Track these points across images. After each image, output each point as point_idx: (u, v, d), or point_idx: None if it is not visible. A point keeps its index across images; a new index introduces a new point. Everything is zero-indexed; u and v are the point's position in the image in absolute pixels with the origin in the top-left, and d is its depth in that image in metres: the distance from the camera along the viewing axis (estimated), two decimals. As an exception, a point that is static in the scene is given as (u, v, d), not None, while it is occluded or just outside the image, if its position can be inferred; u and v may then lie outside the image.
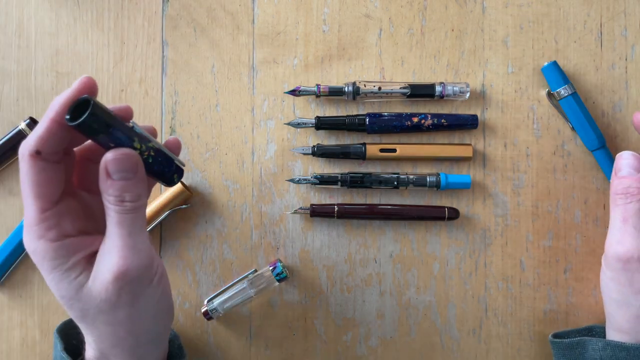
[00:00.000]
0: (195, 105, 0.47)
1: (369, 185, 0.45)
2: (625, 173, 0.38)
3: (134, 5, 0.47)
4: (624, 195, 0.37)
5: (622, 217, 0.37)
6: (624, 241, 0.36)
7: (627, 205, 0.37)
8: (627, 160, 0.38)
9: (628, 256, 0.36)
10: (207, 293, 0.47)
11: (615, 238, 0.37)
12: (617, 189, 0.38)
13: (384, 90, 0.45)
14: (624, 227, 0.37)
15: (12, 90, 0.47)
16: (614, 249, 0.36)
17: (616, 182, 0.38)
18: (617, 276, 0.36)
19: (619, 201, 0.37)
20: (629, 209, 0.37)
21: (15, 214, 0.47)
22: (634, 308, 0.35)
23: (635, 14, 0.46)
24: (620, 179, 0.38)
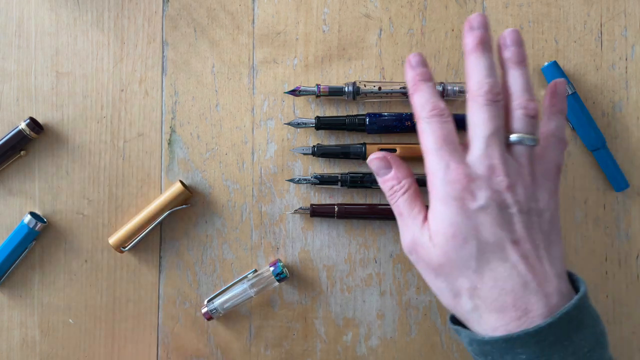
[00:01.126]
0: (195, 105, 0.47)
1: (369, 185, 0.45)
2: (385, 175, 0.37)
3: (134, 5, 0.47)
4: (392, 196, 0.37)
5: (397, 214, 0.36)
6: (403, 234, 0.36)
7: (397, 202, 0.36)
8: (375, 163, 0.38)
9: (409, 248, 0.35)
10: (207, 293, 0.47)
11: (401, 234, 0.36)
12: (385, 192, 0.37)
13: (384, 90, 0.45)
14: (402, 220, 0.36)
15: (12, 90, 0.47)
16: (403, 247, 0.36)
17: (383, 186, 0.37)
18: (419, 270, 0.36)
19: (390, 201, 0.37)
20: (399, 204, 0.36)
21: (15, 214, 0.47)
22: (445, 292, 0.34)
23: (635, 14, 0.46)
24: (384, 182, 0.37)
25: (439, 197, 0.33)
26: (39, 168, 0.47)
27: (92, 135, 0.47)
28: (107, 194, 0.47)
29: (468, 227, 0.32)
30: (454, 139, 0.34)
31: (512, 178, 0.33)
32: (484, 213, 0.32)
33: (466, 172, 0.33)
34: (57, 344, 0.47)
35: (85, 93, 0.47)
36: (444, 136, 0.34)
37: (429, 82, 0.36)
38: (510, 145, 0.34)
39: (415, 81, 0.36)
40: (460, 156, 0.34)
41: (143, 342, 0.47)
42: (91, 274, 0.47)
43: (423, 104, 0.35)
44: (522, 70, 0.35)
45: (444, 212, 0.33)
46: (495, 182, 0.33)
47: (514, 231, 0.32)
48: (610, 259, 0.45)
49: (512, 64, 0.35)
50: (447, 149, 0.34)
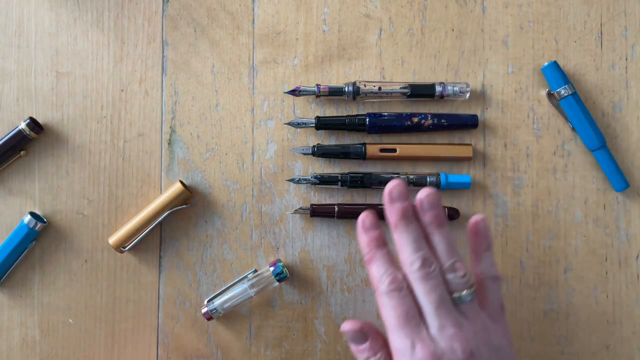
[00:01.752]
0: (195, 105, 0.47)
1: (369, 185, 0.45)
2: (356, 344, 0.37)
3: (134, 5, 0.47)
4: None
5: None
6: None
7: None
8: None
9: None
10: (207, 293, 0.47)
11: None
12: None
13: (384, 90, 0.45)
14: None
15: (12, 90, 0.47)
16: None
17: (356, 355, 0.37)
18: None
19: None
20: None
21: (15, 214, 0.47)
22: None
23: (635, 14, 0.46)
24: (357, 352, 0.37)
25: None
26: (39, 168, 0.47)
27: (92, 135, 0.47)
28: (107, 194, 0.47)
29: None
30: (415, 314, 0.34)
31: (471, 341, 0.33)
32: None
33: (431, 350, 0.33)
34: (57, 344, 0.47)
35: (85, 93, 0.47)
36: (406, 312, 0.34)
37: (383, 249, 0.35)
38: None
39: (370, 247, 0.36)
40: (422, 332, 0.33)
41: (143, 342, 0.47)
42: (91, 274, 0.47)
43: (381, 276, 0.35)
44: (442, 233, 0.35)
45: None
46: (458, 351, 0.32)
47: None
48: (610, 259, 0.45)
49: (432, 227, 0.35)
50: (409, 326, 0.33)
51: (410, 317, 0.33)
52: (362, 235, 0.36)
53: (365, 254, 0.36)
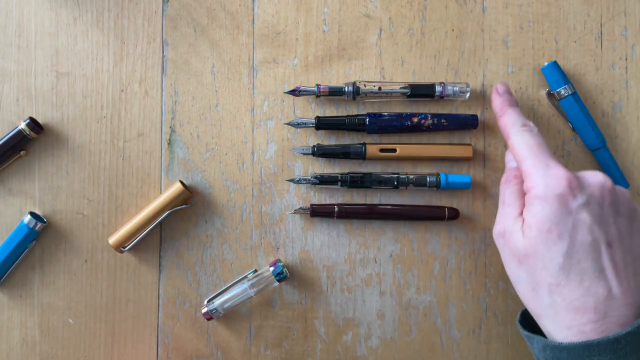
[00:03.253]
0: (195, 105, 0.47)
1: (369, 185, 0.45)
2: (509, 165, 0.41)
3: (134, 5, 0.47)
4: (505, 183, 0.39)
5: (501, 200, 0.39)
6: (497, 220, 0.38)
7: (506, 190, 0.39)
8: (509, 155, 0.42)
9: (499, 232, 0.37)
10: (207, 293, 0.47)
11: (496, 220, 0.39)
12: (502, 178, 0.40)
13: (384, 90, 0.45)
14: (501, 208, 0.39)
15: (12, 90, 0.47)
16: (493, 230, 0.38)
17: (504, 175, 0.41)
18: (502, 255, 0.38)
19: (501, 188, 0.40)
20: (506, 192, 0.39)
21: (15, 214, 0.47)
22: (524, 283, 0.35)
23: (635, 14, 0.46)
24: (507, 171, 0.41)
25: (539, 194, 0.34)
26: (39, 168, 0.47)
27: (92, 135, 0.47)
28: (107, 194, 0.47)
29: (566, 224, 0.33)
30: (548, 148, 0.36)
31: (611, 183, 0.35)
32: (584, 211, 0.33)
33: (567, 170, 0.34)
34: (57, 344, 0.47)
35: (85, 93, 0.47)
36: (538, 144, 0.37)
37: (516, 107, 0.40)
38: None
39: (503, 105, 0.41)
40: (557, 160, 0.35)
41: (143, 342, 0.47)
42: (91, 274, 0.47)
43: (514, 122, 0.39)
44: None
45: (543, 207, 0.34)
46: (597, 180, 0.34)
47: (609, 232, 0.33)
48: (610, 259, 0.45)
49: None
50: (542, 151, 0.36)
51: (543, 147, 0.37)
52: (496, 98, 0.41)
53: (498, 111, 0.41)
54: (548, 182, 0.34)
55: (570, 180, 0.34)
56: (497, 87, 0.42)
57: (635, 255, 0.34)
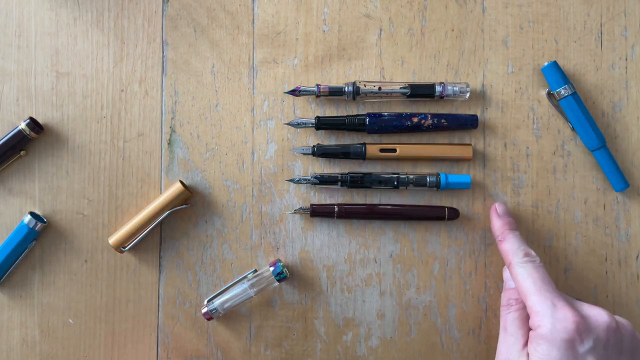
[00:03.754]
0: (195, 105, 0.47)
1: (369, 185, 0.45)
2: (507, 286, 0.41)
3: (134, 5, 0.47)
4: (506, 307, 0.40)
5: (502, 326, 0.39)
6: (500, 349, 0.38)
7: (507, 315, 0.39)
8: (506, 273, 0.42)
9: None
10: (207, 293, 0.47)
11: (498, 348, 0.39)
12: (502, 301, 0.41)
13: (384, 90, 0.45)
14: (503, 335, 0.38)
15: (12, 90, 0.47)
16: (496, 358, 0.38)
17: (502, 295, 0.41)
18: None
19: (502, 312, 0.40)
20: (508, 318, 0.39)
21: (15, 214, 0.47)
22: None
23: (635, 14, 0.46)
24: (505, 291, 0.41)
25: (546, 336, 0.34)
26: (39, 168, 0.47)
27: (92, 135, 0.47)
28: (107, 194, 0.47)
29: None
30: (552, 282, 0.36)
31: (616, 322, 0.35)
32: (591, 355, 0.33)
33: (574, 311, 0.34)
34: (57, 344, 0.47)
35: (85, 93, 0.47)
36: (542, 278, 0.37)
37: (516, 232, 0.41)
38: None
39: (503, 230, 0.41)
40: (563, 297, 0.35)
41: (143, 342, 0.47)
42: (91, 274, 0.47)
43: (515, 250, 0.39)
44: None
45: (550, 351, 0.33)
46: (603, 322, 0.34)
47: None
48: (610, 259, 0.45)
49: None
50: (548, 288, 0.36)
51: (547, 282, 0.36)
52: (496, 220, 0.42)
53: (498, 235, 0.41)
54: (556, 324, 0.34)
55: (578, 324, 0.34)
56: (496, 208, 0.43)
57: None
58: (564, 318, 0.34)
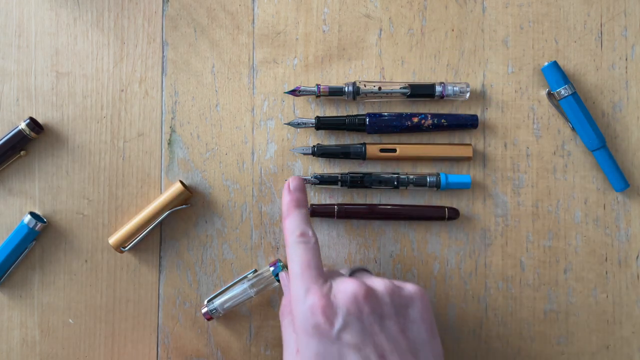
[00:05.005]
0: (195, 105, 0.47)
1: (369, 185, 0.45)
2: (285, 291, 0.40)
3: (134, 5, 0.47)
4: (282, 314, 0.37)
5: (282, 335, 0.36)
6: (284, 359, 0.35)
7: (283, 322, 0.36)
8: (283, 276, 0.42)
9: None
10: (207, 293, 0.47)
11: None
12: (281, 306, 0.38)
13: (384, 90, 0.45)
14: (284, 346, 0.35)
15: (12, 90, 0.47)
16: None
17: (282, 302, 0.38)
18: None
19: (280, 321, 0.37)
20: (283, 325, 0.36)
21: (15, 214, 0.47)
22: None
23: (635, 14, 0.46)
24: (284, 297, 0.39)
25: (299, 329, 0.32)
26: (39, 168, 0.47)
27: (92, 135, 0.47)
28: (107, 194, 0.47)
29: (333, 356, 0.31)
30: (319, 265, 0.34)
31: (365, 288, 0.33)
32: (345, 333, 0.31)
33: (320, 294, 0.32)
34: (57, 344, 0.47)
35: (85, 93, 0.47)
36: (309, 260, 0.34)
37: (302, 209, 0.37)
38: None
39: (290, 206, 0.38)
40: (319, 281, 0.33)
41: (143, 342, 0.47)
42: (91, 274, 0.47)
43: (293, 229, 0.36)
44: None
45: (308, 343, 0.31)
46: (347, 295, 0.32)
47: (378, 344, 0.31)
48: (610, 259, 0.45)
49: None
50: (311, 273, 0.33)
51: (312, 267, 0.34)
52: (286, 195, 0.38)
53: (285, 210, 0.38)
54: (305, 314, 0.32)
55: (323, 307, 0.31)
56: (289, 183, 0.39)
57: (416, 345, 0.33)
58: (312, 304, 0.32)
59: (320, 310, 0.31)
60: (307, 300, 0.32)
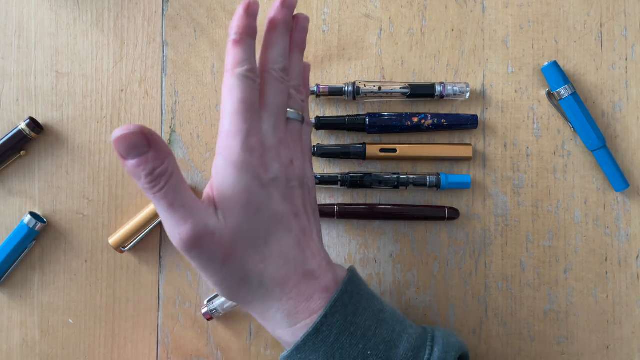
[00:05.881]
0: (195, 105, 0.47)
1: (369, 185, 0.45)
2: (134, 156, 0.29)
3: (134, 5, 0.47)
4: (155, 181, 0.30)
5: (165, 205, 0.31)
6: (175, 227, 0.31)
7: (162, 190, 0.30)
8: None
9: (190, 239, 0.31)
10: (207, 293, 0.47)
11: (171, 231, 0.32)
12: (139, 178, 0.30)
13: (384, 90, 0.45)
14: (172, 213, 0.31)
15: (12, 90, 0.47)
16: (179, 243, 0.31)
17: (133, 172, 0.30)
18: (200, 265, 0.32)
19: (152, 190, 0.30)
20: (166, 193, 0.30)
21: (15, 214, 0.47)
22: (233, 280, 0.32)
23: (635, 14, 0.46)
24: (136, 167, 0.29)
25: (234, 161, 0.31)
26: (39, 168, 0.47)
27: (92, 135, 0.47)
28: (107, 194, 0.47)
29: (262, 197, 0.31)
30: (257, 105, 0.33)
31: (292, 152, 0.34)
32: (274, 185, 0.32)
33: (262, 140, 0.32)
34: (57, 344, 0.47)
35: (85, 93, 0.47)
36: (251, 100, 0.32)
37: (253, 40, 0.34)
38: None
39: (242, 31, 0.33)
40: (259, 123, 0.33)
41: (143, 342, 0.47)
42: (91, 274, 0.47)
43: (243, 61, 0.32)
44: (301, 57, 0.38)
45: (239, 177, 0.31)
46: (282, 155, 0.33)
47: (295, 204, 0.33)
48: (610, 259, 0.45)
49: (296, 48, 0.37)
50: (250, 113, 0.32)
51: (253, 106, 0.32)
52: (241, 16, 0.33)
53: (234, 34, 0.33)
54: (245, 151, 0.31)
55: (263, 152, 0.32)
56: (249, 4, 0.33)
57: (314, 206, 0.36)
58: (253, 147, 0.32)
59: (259, 156, 0.32)
60: (249, 141, 0.31)
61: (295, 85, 0.36)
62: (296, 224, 0.33)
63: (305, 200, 0.35)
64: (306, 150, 0.37)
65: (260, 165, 0.32)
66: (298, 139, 0.36)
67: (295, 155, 0.35)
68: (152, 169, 0.29)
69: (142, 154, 0.29)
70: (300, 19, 0.37)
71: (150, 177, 0.29)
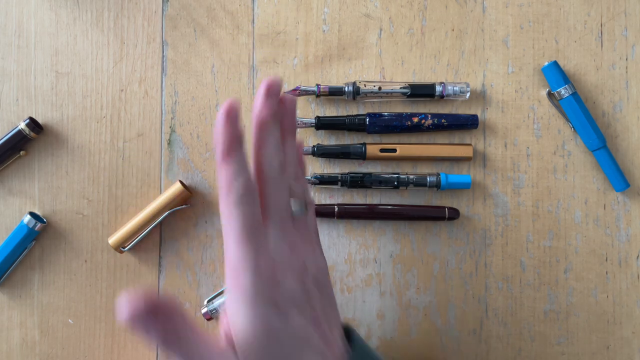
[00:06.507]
0: (195, 105, 0.47)
1: (369, 185, 0.45)
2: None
3: (134, 5, 0.47)
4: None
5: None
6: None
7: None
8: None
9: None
10: (207, 293, 0.47)
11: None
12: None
13: (384, 90, 0.45)
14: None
15: (12, 90, 0.47)
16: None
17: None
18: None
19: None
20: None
21: (15, 214, 0.47)
22: None
23: (635, 14, 0.46)
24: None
25: (247, 300, 0.28)
26: (39, 168, 0.47)
27: (92, 135, 0.47)
28: (107, 194, 0.47)
29: (280, 323, 0.29)
30: (261, 223, 0.30)
31: (303, 252, 0.32)
32: (290, 302, 0.29)
33: (271, 258, 0.30)
34: (57, 344, 0.47)
35: (85, 93, 0.47)
36: (253, 221, 0.29)
37: (243, 150, 0.30)
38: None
39: (232, 143, 0.29)
40: (266, 242, 0.30)
41: (143, 342, 0.47)
42: (91, 274, 0.47)
43: (235, 178, 0.29)
44: (295, 141, 0.34)
45: (255, 314, 0.28)
46: (294, 265, 0.31)
47: (314, 308, 0.31)
48: (610, 259, 0.45)
49: (288, 134, 0.34)
50: (255, 235, 0.29)
51: (256, 227, 0.29)
52: (227, 125, 0.29)
53: (223, 149, 0.29)
54: (255, 277, 0.28)
55: (274, 271, 0.29)
56: (229, 110, 0.30)
57: (330, 297, 0.33)
58: (264, 271, 0.29)
59: (271, 276, 0.29)
60: (258, 265, 0.29)
61: (294, 174, 0.33)
62: (318, 334, 0.30)
63: (322, 295, 0.32)
64: (314, 236, 0.34)
65: (273, 286, 0.29)
66: (306, 231, 0.33)
67: (307, 253, 0.32)
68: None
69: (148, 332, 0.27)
70: (287, 103, 0.33)
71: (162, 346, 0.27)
